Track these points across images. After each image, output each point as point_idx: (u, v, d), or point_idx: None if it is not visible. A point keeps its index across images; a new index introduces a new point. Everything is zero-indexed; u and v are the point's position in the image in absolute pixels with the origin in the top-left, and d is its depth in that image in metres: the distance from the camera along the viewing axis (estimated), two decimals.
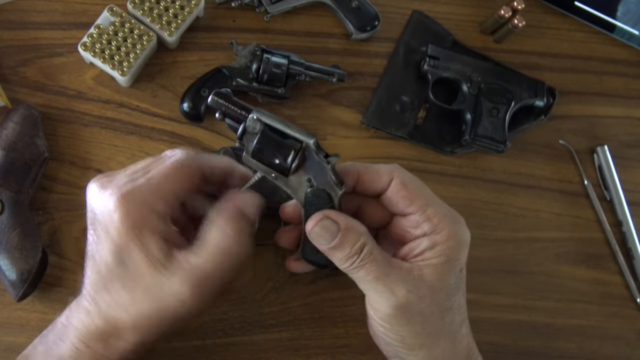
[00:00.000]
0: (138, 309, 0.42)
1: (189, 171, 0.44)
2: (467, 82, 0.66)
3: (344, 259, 0.44)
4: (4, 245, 0.54)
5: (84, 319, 0.43)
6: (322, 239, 0.45)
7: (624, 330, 0.65)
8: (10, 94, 0.62)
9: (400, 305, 0.44)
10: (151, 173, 0.43)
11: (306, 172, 0.46)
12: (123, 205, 0.41)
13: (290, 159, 0.45)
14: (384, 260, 0.45)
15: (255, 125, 0.45)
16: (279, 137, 0.45)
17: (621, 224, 0.67)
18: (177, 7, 0.63)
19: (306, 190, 0.46)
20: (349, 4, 0.67)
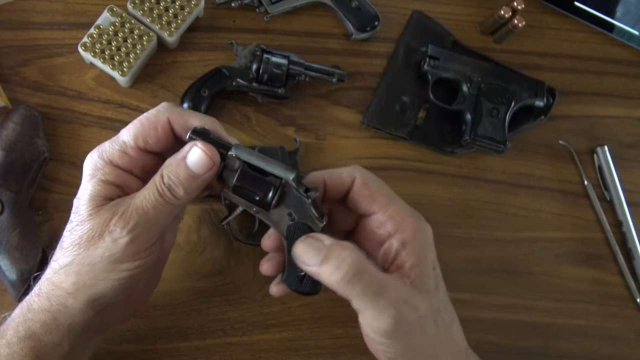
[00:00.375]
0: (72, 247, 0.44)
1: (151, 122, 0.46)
2: (467, 82, 0.66)
3: (336, 272, 0.43)
4: (4, 245, 0.54)
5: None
6: (309, 256, 0.44)
7: (624, 330, 0.65)
8: (10, 94, 0.62)
9: (401, 319, 0.43)
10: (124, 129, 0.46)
11: (287, 207, 0.46)
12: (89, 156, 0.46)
13: (270, 195, 0.45)
14: (377, 273, 0.44)
15: (234, 162, 0.46)
16: (258, 173, 0.46)
17: (621, 224, 0.67)
18: (177, 7, 0.63)
19: (288, 224, 0.46)
20: (349, 4, 0.67)
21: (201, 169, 0.44)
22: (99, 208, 0.43)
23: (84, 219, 0.43)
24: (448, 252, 0.65)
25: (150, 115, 0.46)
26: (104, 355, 0.56)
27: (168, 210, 0.45)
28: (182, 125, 0.46)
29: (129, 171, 0.46)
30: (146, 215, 0.43)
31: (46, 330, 0.44)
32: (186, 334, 0.59)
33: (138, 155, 0.46)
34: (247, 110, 0.65)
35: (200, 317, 0.59)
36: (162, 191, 0.44)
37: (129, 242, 0.43)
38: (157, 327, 0.58)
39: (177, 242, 0.60)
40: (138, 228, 0.43)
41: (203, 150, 0.44)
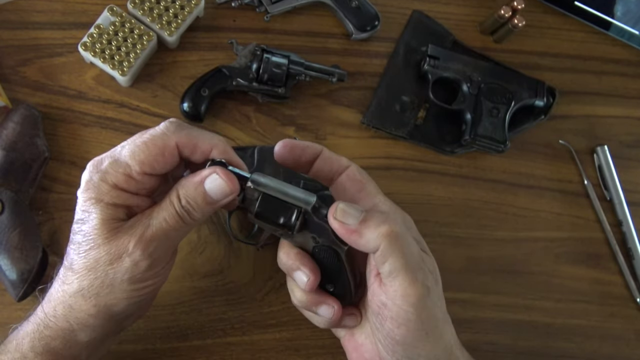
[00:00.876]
0: (86, 271, 0.43)
1: (158, 148, 0.44)
2: (467, 82, 0.66)
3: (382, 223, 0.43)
4: (4, 245, 0.54)
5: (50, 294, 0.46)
6: (349, 215, 0.44)
7: (624, 330, 0.65)
8: (10, 93, 0.62)
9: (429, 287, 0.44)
10: (125, 147, 0.44)
11: (310, 231, 0.47)
12: (87, 176, 0.44)
13: (291, 223, 0.46)
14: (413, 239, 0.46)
15: (254, 192, 0.46)
16: (276, 205, 0.46)
17: (621, 224, 0.67)
18: (177, 7, 0.63)
19: (312, 245, 0.47)
20: (349, 4, 0.67)
21: (219, 196, 0.44)
22: (114, 231, 0.43)
23: (99, 243, 0.43)
24: (448, 252, 0.65)
25: (156, 139, 0.44)
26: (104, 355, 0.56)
27: (185, 230, 0.45)
28: (191, 149, 0.45)
29: (134, 193, 0.45)
30: (165, 237, 0.43)
31: (65, 346, 0.45)
32: (186, 334, 0.59)
33: (143, 179, 0.44)
34: (247, 110, 0.65)
35: (200, 317, 0.59)
36: (182, 214, 0.44)
37: (150, 264, 0.43)
38: (157, 327, 0.58)
39: None
40: (158, 250, 0.43)
41: (223, 179, 0.44)
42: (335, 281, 0.48)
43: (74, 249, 0.44)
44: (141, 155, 0.43)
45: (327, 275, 0.48)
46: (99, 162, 0.44)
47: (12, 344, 0.46)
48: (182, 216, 0.44)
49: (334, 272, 0.48)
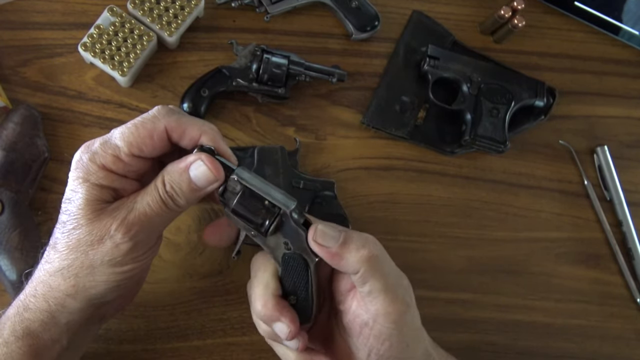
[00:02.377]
0: (68, 250, 0.43)
1: (147, 130, 0.44)
2: (467, 82, 0.66)
3: (362, 249, 0.44)
4: (4, 245, 0.54)
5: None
6: (329, 237, 0.44)
7: (624, 330, 0.65)
8: (10, 94, 0.62)
9: (409, 306, 0.46)
10: (116, 130, 0.45)
11: (283, 236, 0.46)
12: (78, 156, 0.44)
13: (267, 223, 0.45)
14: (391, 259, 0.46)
15: (236, 185, 0.45)
16: (257, 201, 0.46)
17: (621, 224, 0.67)
18: (177, 8, 0.63)
19: (283, 252, 0.47)
20: (349, 4, 0.67)
21: (204, 183, 0.44)
22: (98, 212, 0.43)
23: (82, 223, 0.43)
24: (448, 252, 0.65)
25: (146, 121, 0.45)
26: (104, 355, 0.57)
27: (169, 216, 0.45)
28: (179, 134, 0.45)
29: (122, 175, 0.45)
30: (148, 222, 0.43)
31: (45, 329, 0.44)
32: (186, 334, 0.59)
33: (132, 161, 0.45)
34: (247, 110, 0.65)
35: (200, 317, 0.59)
36: (165, 199, 0.44)
37: (131, 247, 0.43)
38: (157, 327, 0.58)
39: (177, 242, 0.60)
40: (140, 234, 0.43)
41: (208, 166, 0.44)
42: (299, 293, 0.47)
43: (59, 227, 0.44)
44: (130, 137, 0.44)
45: (292, 285, 0.47)
46: (90, 143, 0.45)
47: None
48: (166, 202, 0.44)
49: (300, 284, 0.47)
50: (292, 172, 0.61)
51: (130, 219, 0.43)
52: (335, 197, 0.62)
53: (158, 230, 0.46)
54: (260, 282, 0.47)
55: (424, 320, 0.47)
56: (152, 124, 0.45)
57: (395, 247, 0.63)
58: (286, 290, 0.47)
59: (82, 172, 0.44)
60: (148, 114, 0.45)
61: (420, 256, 0.64)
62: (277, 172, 0.61)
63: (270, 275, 0.48)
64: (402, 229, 0.64)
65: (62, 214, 0.45)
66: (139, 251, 0.44)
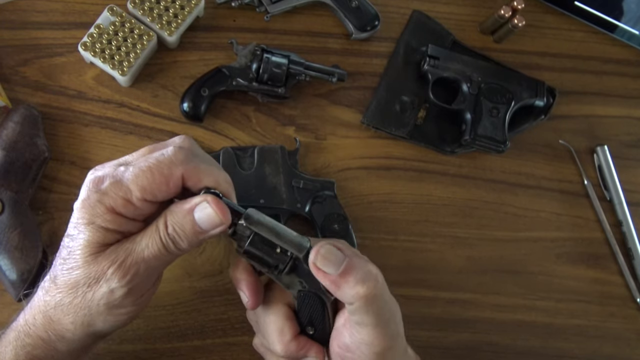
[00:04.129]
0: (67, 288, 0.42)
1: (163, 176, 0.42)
2: (467, 82, 0.66)
3: (360, 282, 0.42)
4: (4, 245, 0.54)
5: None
6: (330, 263, 0.42)
7: (624, 330, 0.65)
8: (10, 94, 0.62)
9: (396, 340, 0.45)
10: (129, 169, 0.42)
11: (298, 276, 0.45)
12: (85, 194, 0.42)
13: (280, 266, 0.45)
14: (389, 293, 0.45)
15: (245, 230, 0.44)
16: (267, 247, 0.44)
17: (621, 224, 0.67)
18: (177, 7, 0.63)
19: (298, 289, 0.46)
20: (349, 3, 0.67)
21: (208, 226, 0.42)
22: (96, 255, 0.41)
23: (80, 265, 0.42)
24: (448, 252, 0.65)
25: (163, 167, 0.42)
26: (104, 355, 0.56)
27: (169, 259, 0.43)
28: (195, 182, 0.43)
29: (131, 219, 0.43)
30: (146, 265, 0.42)
31: (47, 355, 0.44)
32: (186, 334, 0.59)
33: (143, 206, 0.42)
34: (247, 110, 0.65)
35: (200, 317, 0.59)
36: (166, 243, 0.42)
37: (127, 292, 0.42)
38: (157, 327, 0.58)
39: None
40: (137, 278, 0.42)
41: (213, 209, 0.42)
42: (317, 325, 0.47)
43: (60, 263, 0.43)
44: (144, 182, 0.41)
45: (309, 318, 0.47)
46: (99, 180, 0.42)
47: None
48: (167, 245, 0.42)
49: (317, 317, 0.47)
50: (292, 171, 0.61)
51: (127, 263, 0.41)
52: (335, 197, 0.62)
53: (156, 273, 0.45)
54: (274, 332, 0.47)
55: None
56: (169, 171, 0.42)
57: (395, 247, 0.64)
58: (303, 323, 0.47)
59: (88, 212, 0.41)
60: (164, 157, 0.42)
61: (420, 256, 0.64)
62: (277, 172, 0.61)
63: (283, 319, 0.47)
64: (402, 229, 0.64)
65: (63, 249, 0.43)
66: (136, 295, 0.43)
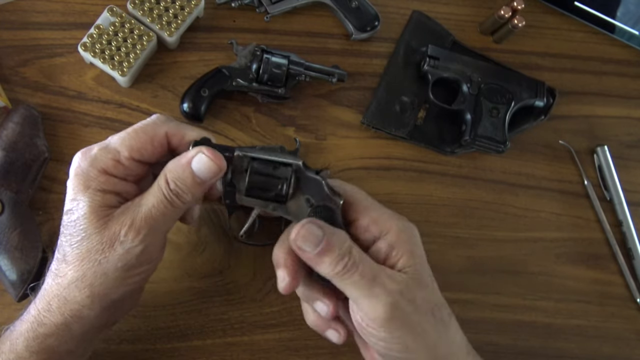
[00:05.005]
0: (79, 261, 0.43)
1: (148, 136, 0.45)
2: (467, 82, 0.66)
3: (334, 262, 0.43)
4: (4, 245, 0.54)
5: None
6: (308, 244, 0.44)
7: (624, 330, 0.65)
8: (10, 94, 0.62)
9: (397, 308, 0.44)
10: (115, 136, 0.46)
11: (303, 193, 0.46)
12: (77, 163, 0.45)
13: (285, 185, 0.45)
14: (372, 263, 0.45)
15: (243, 162, 0.46)
16: (268, 168, 0.46)
17: (621, 224, 0.67)
18: (177, 8, 0.63)
19: (307, 212, 0.46)
20: (349, 4, 0.67)
21: (207, 175, 0.45)
22: (105, 219, 0.43)
23: (89, 233, 0.43)
24: (448, 252, 0.65)
25: (146, 127, 0.46)
26: (104, 355, 0.57)
27: (175, 215, 0.45)
28: (179, 138, 0.46)
29: (123, 179, 0.45)
30: (156, 223, 0.44)
31: (60, 341, 0.45)
32: (186, 334, 0.59)
33: (131, 165, 0.45)
34: (247, 110, 0.65)
35: (200, 317, 0.59)
36: (171, 198, 0.44)
37: (142, 250, 0.43)
38: (157, 327, 0.58)
39: (177, 242, 0.60)
40: (149, 237, 0.43)
41: (209, 157, 0.44)
42: None
43: (66, 240, 0.44)
44: (131, 142, 0.45)
45: None
46: (87, 150, 0.45)
47: (5, 345, 0.46)
48: (171, 200, 0.44)
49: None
50: None
51: (137, 222, 0.43)
52: None
53: (166, 229, 0.46)
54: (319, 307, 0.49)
55: None
56: (153, 130, 0.46)
57: None
58: None
59: (82, 179, 0.44)
60: (147, 121, 0.46)
61: None
62: None
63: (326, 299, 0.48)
64: None
65: (67, 227, 0.44)
66: (150, 253, 0.44)
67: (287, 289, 0.47)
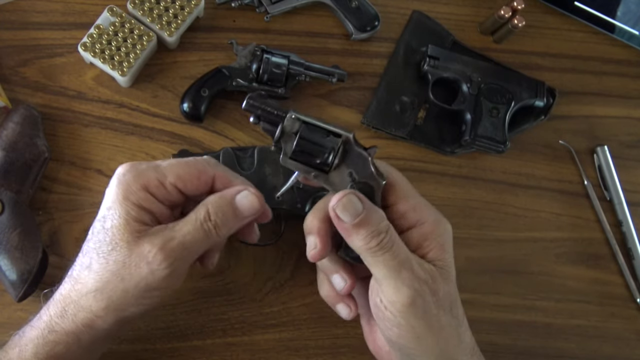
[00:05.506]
0: (104, 272, 0.43)
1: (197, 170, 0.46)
2: (467, 82, 0.66)
3: (370, 236, 0.43)
4: (4, 245, 0.54)
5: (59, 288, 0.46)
6: (348, 213, 0.43)
7: (624, 331, 0.65)
8: (10, 94, 0.62)
9: (419, 297, 0.43)
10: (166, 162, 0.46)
11: (347, 166, 0.46)
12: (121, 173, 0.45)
13: (332, 155, 0.45)
14: (405, 248, 0.45)
15: (294, 125, 0.45)
16: (318, 135, 0.45)
17: (621, 224, 0.67)
18: (177, 8, 0.63)
19: (349, 186, 0.46)
20: (349, 4, 0.67)
21: (249, 211, 0.46)
22: (137, 236, 0.43)
23: (122, 246, 0.43)
24: None
25: (197, 163, 0.47)
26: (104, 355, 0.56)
27: (208, 247, 0.46)
28: (224, 184, 0.47)
29: (160, 201, 0.45)
30: (187, 251, 0.44)
31: (68, 350, 0.45)
32: (186, 334, 0.59)
33: (172, 192, 0.46)
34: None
35: (200, 317, 0.59)
36: (208, 229, 0.44)
37: (168, 275, 0.43)
38: (157, 327, 0.58)
39: None
40: (178, 262, 0.43)
41: (255, 195, 0.45)
42: None
43: (94, 248, 0.44)
44: (179, 170, 0.45)
45: None
46: (136, 163, 0.46)
47: (14, 350, 0.45)
48: (208, 230, 0.44)
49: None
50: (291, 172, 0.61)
51: (169, 246, 0.43)
52: None
53: (193, 258, 0.46)
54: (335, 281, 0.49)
55: None
56: (203, 167, 0.46)
57: None
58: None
59: (123, 189, 0.44)
60: (200, 158, 0.48)
61: None
62: (277, 172, 0.61)
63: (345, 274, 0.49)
64: None
65: (98, 233, 0.44)
66: (175, 278, 0.44)
67: (317, 256, 0.47)
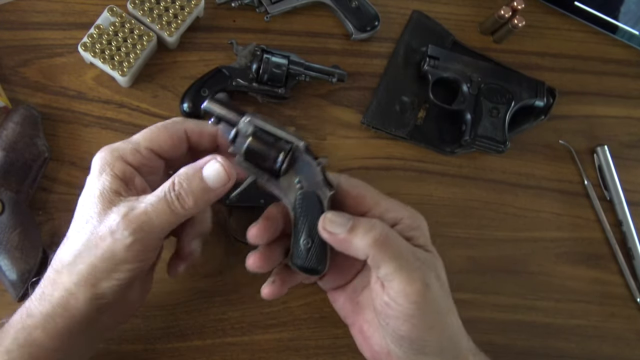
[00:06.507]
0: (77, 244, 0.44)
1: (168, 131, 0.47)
2: (467, 82, 0.66)
3: (368, 235, 0.43)
4: (4, 245, 0.54)
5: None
6: (337, 225, 0.44)
7: (624, 330, 0.65)
8: (10, 94, 0.62)
9: (429, 281, 0.44)
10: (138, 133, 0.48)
11: (296, 173, 0.46)
12: (98, 154, 0.46)
13: (280, 159, 0.46)
14: (403, 240, 0.45)
15: (248, 128, 0.46)
16: (269, 139, 0.46)
17: (621, 224, 0.67)
18: (177, 8, 0.63)
19: (296, 193, 0.46)
20: (349, 4, 0.67)
21: (216, 183, 0.44)
22: (109, 205, 0.43)
23: (92, 216, 0.44)
24: (448, 252, 0.64)
25: (166, 124, 0.48)
26: (104, 355, 0.57)
27: (173, 220, 0.44)
28: (198, 134, 0.48)
29: (136, 168, 0.46)
30: (149, 220, 0.43)
31: (47, 335, 0.44)
32: (186, 334, 0.59)
33: (150, 156, 0.46)
34: (247, 110, 0.65)
35: (200, 317, 0.59)
36: (170, 200, 0.44)
37: (131, 243, 0.43)
38: (157, 327, 0.58)
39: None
40: (141, 232, 0.43)
41: (222, 165, 0.44)
42: (314, 235, 0.46)
43: (74, 225, 0.45)
44: (151, 135, 0.47)
45: (307, 227, 0.46)
46: (111, 144, 0.47)
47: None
48: (171, 202, 0.43)
49: (315, 225, 0.46)
50: None
51: (132, 214, 0.43)
52: None
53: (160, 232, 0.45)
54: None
55: None
56: (172, 126, 0.48)
57: None
58: (299, 234, 0.47)
59: (100, 163, 0.45)
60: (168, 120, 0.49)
61: None
62: None
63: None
64: None
65: (78, 209, 0.45)
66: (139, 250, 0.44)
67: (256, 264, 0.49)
